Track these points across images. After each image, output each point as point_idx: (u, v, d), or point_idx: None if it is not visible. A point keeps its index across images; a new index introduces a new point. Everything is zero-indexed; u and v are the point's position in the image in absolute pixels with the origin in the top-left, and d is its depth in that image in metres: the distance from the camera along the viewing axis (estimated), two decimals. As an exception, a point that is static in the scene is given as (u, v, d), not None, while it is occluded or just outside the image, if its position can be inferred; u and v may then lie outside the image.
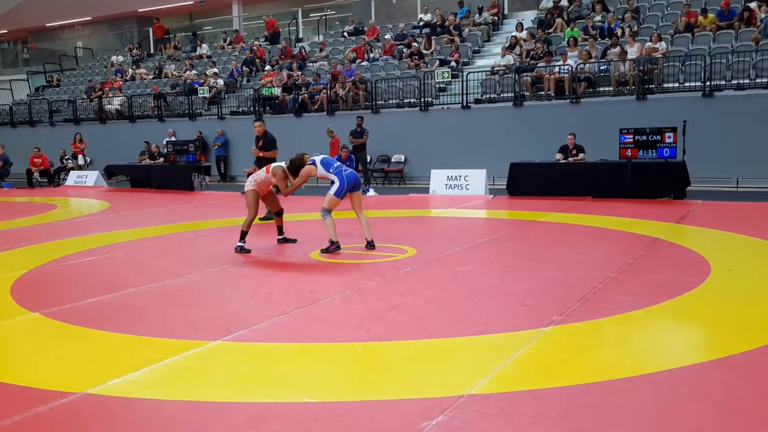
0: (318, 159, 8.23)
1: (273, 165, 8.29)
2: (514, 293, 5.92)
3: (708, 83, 14.72)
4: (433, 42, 20.36)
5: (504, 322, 5.06)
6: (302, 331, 4.97)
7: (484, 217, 11.68)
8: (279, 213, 8.79)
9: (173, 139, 19.91)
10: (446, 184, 14.92)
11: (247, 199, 8.38)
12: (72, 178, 21.06)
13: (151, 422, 3.55)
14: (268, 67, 22.82)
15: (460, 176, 14.82)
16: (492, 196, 14.02)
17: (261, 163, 10.91)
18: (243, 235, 8.32)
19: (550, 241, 8.57)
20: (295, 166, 8.09)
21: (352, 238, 8.75)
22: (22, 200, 16.87)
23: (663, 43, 16.08)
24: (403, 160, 17.99)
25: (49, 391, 3.90)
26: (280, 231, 8.83)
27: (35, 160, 20.83)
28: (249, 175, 15.72)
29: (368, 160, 17.30)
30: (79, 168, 21.76)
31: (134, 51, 29.42)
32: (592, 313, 5.21)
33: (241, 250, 8.21)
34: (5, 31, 36.13)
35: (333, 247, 8.05)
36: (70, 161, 22.02)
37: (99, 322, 5.33)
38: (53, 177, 21.29)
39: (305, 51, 23.44)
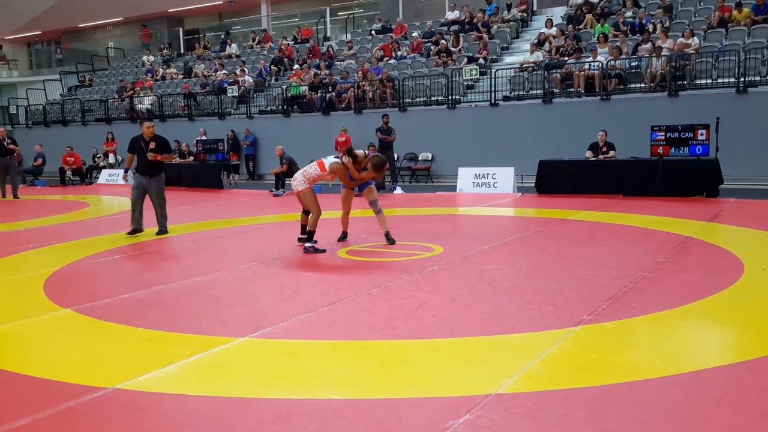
0: None
1: (331, 162, 8.07)
2: (542, 292, 5.87)
3: (742, 79, 14.46)
4: (461, 39, 20.29)
5: (532, 322, 5.02)
6: (329, 329, 4.99)
7: (512, 215, 11.60)
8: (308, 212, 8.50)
9: (204, 138, 20.13)
10: (474, 182, 14.87)
11: (306, 200, 8.09)
12: (104, 176, 21.40)
13: (179, 418, 3.58)
14: (296, 66, 22.94)
15: (487, 174, 14.75)
16: (520, 194, 13.93)
17: (154, 168, 9.93)
18: (311, 235, 8.10)
19: (579, 239, 8.49)
20: (358, 159, 8.16)
21: (375, 236, 8.75)
22: (54, 198, 17.17)
23: (696, 38, 15.82)
24: (430, 158, 17.96)
25: (79, 386, 3.96)
26: (303, 230, 8.54)
27: (68, 158, 21.20)
28: (276, 176, 15.90)
29: (395, 158, 17.29)
30: (111, 167, 22.09)
31: (164, 51, 29.77)
32: (621, 312, 5.15)
33: (315, 250, 7.98)
34: (39, 32, 36.82)
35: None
36: (101, 160, 22.37)
37: (129, 319, 5.40)
38: (85, 175, 21.66)
39: (333, 49, 23.52)
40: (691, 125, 12.44)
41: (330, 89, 20.26)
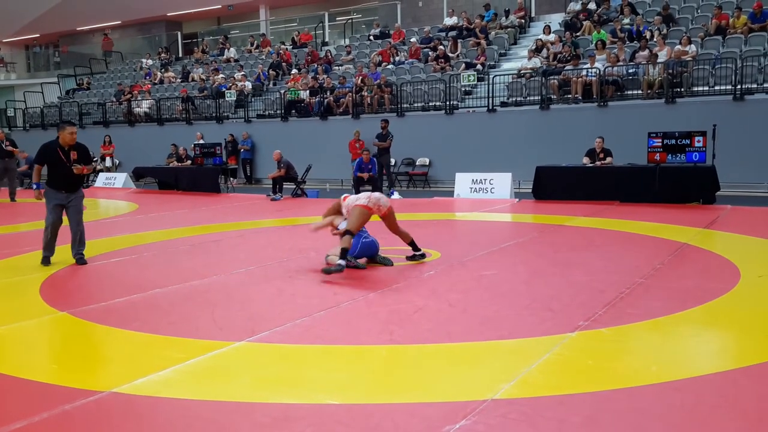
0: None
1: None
2: (539, 298, 5.87)
3: (739, 86, 14.51)
4: (459, 45, 20.33)
5: (529, 327, 5.02)
6: (326, 333, 4.98)
7: (510, 220, 11.62)
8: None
9: (202, 141, 20.13)
10: (471, 188, 14.87)
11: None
12: (101, 179, 21.37)
13: (175, 421, 3.58)
14: (294, 71, 22.96)
15: (485, 180, 14.76)
16: (517, 199, 13.94)
17: (77, 182, 8.33)
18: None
19: (576, 245, 8.49)
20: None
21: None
22: (52, 201, 17.11)
23: (693, 45, 15.87)
24: (427, 164, 17.97)
25: (75, 389, 3.95)
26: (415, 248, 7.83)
27: (65, 161, 21.14)
28: (273, 180, 15.90)
29: (392, 163, 17.31)
30: (108, 170, 22.08)
31: (163, 55, 29.78)
32: (618, 318, 5.15)
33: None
34: (37, 35, 36.80)
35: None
36: (99, 163, 22.34)
37: (125, 322, 5.39)
38: (82, 178, 21.59)
39: (331, 54, 23.55)
40: (688, 132, 12.47)
41: (328, 94, 20.28)
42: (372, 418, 3.51)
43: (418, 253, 7.69)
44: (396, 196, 15.47)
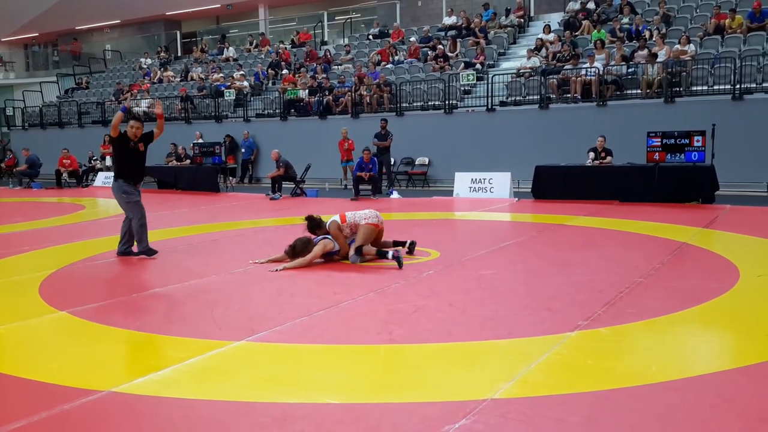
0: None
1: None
2: (539, 297, 5.87)
3: (738, 86, 14.51)
4: (458, 44, 20.32)
5: (528, 327, 5.02)
6: (325, 333, 4.98)
7: (509, 220, 11.62)
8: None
9: (201, 141, 20.11)
10: (470, 187, 14.88)
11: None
12: (100, 178, 21.36)
13: (175, 421, 3.57)
14: (284, 71, 22.96)
15: (484, 179, 14.77)
16: (517, 199, 13.94)
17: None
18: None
19: (575, 245, 8.50)
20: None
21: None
22: (50, 200, 17.13)
23: (692, 45, 15.88)
24: (427, 163, 17.97)
25: (75, 389, 3.95)
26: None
27: (64, 161, 21.17)
28: (272, 179, 15.92)
29: (392, 163, 17.30)
30: (107, 169, 22.04)
31: (162, 54, 29.77)
32: (617, 318, 5.15)
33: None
34: (36, 34, 36.76)
35: None
36: (98, 162, 22.33)
37: (125, 322, 5.39)
38: (81, 178, 21.61)
39: (330, 54, 23.55)
40: (687, 132, 12.48)
41: (327, 93, 20.27)
42: (371, 418, 3.51)
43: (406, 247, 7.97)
44: (395, 195, 15.47)
